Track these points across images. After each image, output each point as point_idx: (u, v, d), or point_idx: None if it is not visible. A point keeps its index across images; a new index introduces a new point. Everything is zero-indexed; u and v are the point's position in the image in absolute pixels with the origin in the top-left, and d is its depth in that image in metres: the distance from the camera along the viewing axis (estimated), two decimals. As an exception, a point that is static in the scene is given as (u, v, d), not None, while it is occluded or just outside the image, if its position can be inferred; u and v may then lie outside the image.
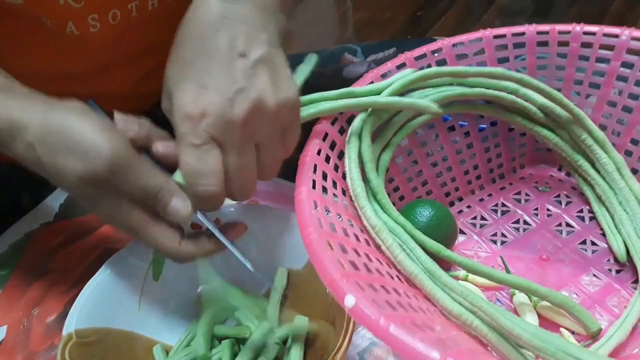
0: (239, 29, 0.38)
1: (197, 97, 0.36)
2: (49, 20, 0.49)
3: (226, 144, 0.36)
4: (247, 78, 0.36)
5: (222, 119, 0.35)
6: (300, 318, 0.42)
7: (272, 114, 0.37)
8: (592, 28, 0.49)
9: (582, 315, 0.40)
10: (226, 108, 0.35)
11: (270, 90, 0.37)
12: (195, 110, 0.35)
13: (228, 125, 0.36)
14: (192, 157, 0.36)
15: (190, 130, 0.36)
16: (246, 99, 0.36)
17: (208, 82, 0.36)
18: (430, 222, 0.45)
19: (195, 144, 0.35)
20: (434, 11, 1.91)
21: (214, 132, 0.36)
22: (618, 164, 0.49)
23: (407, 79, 0.46)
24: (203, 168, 0.36)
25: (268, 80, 0.37)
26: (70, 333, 0.39)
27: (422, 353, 0.28)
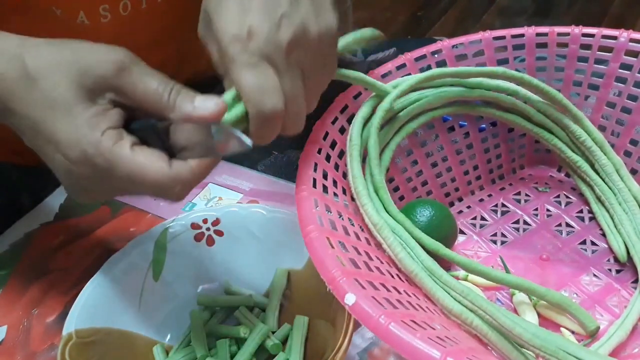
0: None
1: (242, 19, 0.35)
2: (59, 10, 0.49)
3: (278, 66, 0.35)
4: (290, 4, 0.36)
5: (270, 42, 0.35)
6: (300, 318, 0.42)
7: (314, 41, 0.36)
8: (591, 30, 0.49)
9: (580, 314, 0.40)
10: (272, 30, 0.35)
11: (312, 18, 0.36)
12: (243, 30, 0.34)
13: (276, 47, 0.35)
14: (253, 76, 0.34)
15: (242, 50, 0.34)
16: (291, 24, 0.35)
17: (252, 5, 0.35)
18: (431, 222, 0.45)
19: (252, 63, 0.34)
20: (434, 11, 1.91)
21: (264, 52, 0.35)
22: (617, 165, 0.49)
23: (414, 80, 0.46)
24: (266, 85, 0.34)
25: (311, 8, 0.36)
26: (70, 333, 0.39)
27: (423, 351, 0.28)
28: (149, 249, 0.44)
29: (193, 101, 0.34)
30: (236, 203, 0.55)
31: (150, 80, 0.35)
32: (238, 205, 0.47)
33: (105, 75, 0.34)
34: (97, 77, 0.34)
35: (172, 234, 0.45)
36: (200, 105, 0.34)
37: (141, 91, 0.34)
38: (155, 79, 0.35)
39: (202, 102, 0.34)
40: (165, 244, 0.45)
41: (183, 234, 0.45)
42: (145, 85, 0.34)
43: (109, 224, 0.55)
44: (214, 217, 0.46)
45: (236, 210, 0.46)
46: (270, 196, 0.56)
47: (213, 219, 0.46)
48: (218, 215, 0.46)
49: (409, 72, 0.49)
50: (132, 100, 0.35)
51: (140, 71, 0.35)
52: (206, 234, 0.46)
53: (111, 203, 0.57)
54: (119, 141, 0.33)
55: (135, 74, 0.34)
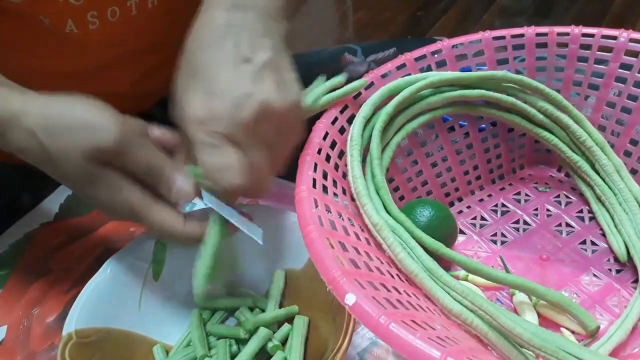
0: (244, 36, 0.39)
1: (206, 103, 0.37)
2: (47, 19, 0.49)
3: (241, 145, 0.37)
4: (253, 82, 0.38)
5: (234, 122, 0.37)
6: (300, 318, 0.42)
7: (278, 116, 0.38)
8: (591, 30, 0.49)
9: (579, 314, 0.40)
10: (236, 111, 0.37)
11: (275, 93, 0.38)
12: (207, 114, 0.37)
13: (239, 127, 0.37)
14: (212, 155, 0.37)
15: (205, 133, 0.37)
16: (253, 103, 0.37)
17: (216, 89, 0.37)
18: (431, 222, 0.45)
19: (212, 144, 0.37)
20: (434, 11, 1.91)
21: (225, 132, 0.37)
22: (617, 166, 0.49)
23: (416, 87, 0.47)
24: (224, 162, 0.37)
25: (273, 84, 0.38)
26: (70, 333, 0.39)
27: (423, 351, 0.28)
28: (149, 249, 0.44)
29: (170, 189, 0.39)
30: (236, 203, 0.55)
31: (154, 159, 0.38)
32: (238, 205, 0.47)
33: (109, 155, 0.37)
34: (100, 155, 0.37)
35: (172, 234, 0.45)
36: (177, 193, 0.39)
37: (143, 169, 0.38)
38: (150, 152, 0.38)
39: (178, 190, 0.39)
40: (165, 244, 0.45)
41: (183, 234, 0.45)
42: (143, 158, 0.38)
43: (109, 224, 0.55)
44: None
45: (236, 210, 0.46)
46: (270, 196, 0.56)
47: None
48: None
49: (409, 72, 0.49)
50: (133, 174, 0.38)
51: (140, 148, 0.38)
52: (206, 234, 0.46)
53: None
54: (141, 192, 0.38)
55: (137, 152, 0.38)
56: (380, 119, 0.45)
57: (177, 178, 0.39)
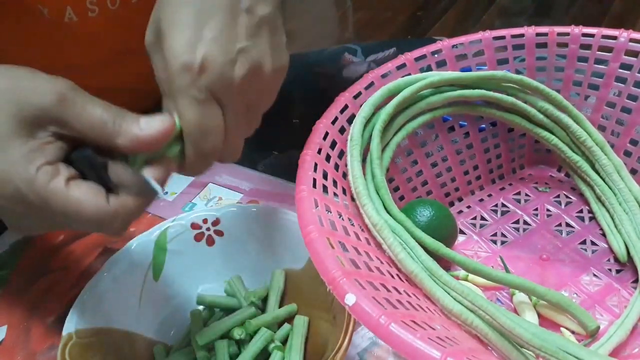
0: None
1: (195, 46, 0.33)
2: (46, 8, 0.48)
3: (224, 103, 0.34)
4: (249, 37, 0.35)
5: (223, 78, 0.33)
6: (300, 318, 0.42)
7: (266, 79, 0.36)
8: (591, 30, 0.49)
9: (579, 314, 0.40)
10: (227, 67, 0.33)
11: (269, 54, 0.36)
12: (195, 61, 0.33)
13: (228, 85, 0.34)
14: (197, 113, 0.33)
15: (191, 83, 0.33)
16: (247, 61, 0.34)
17: (209, 32, 0.33)
18: (431, 222, 0.45)
19: (199, 99, 0.33)
20: (434, 11, 1.91)
21: (214, 89, 0.33)
22: (617, 166, 0.49)
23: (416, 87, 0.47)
24: (209, 124, 0.34)
25: (269, 44, 0.36)
26: (70, 333, 0.39)
27: (423, 352, 0.28)
28: (149, 249, 0.44)
29: (139, 123, 0.32)
30: (236, 203, 0.55)
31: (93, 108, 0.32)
32: (238, 205, 0.47)
33: (46, 108, 0.31)
34: (37, 109, 0.31)
35: (172, 234, 0.45)
36: (146, 126, 0.32)
37: (85, 121, 0.32)
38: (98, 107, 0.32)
39: (147, 122, 0.33)
40: (165, 244, 0.45)
41: (183, 234, 0.45)
42: (89, 115, 0.32)
43: (109, 224, 0.55)
44: (214, 217, 0.46)
45: (236, 210, 0.46)
46: (270, 196, 0.56)
47: (213, 219, 0.46)
48: (218, 215, 0.46)
49: (409, 72, 0.49)
50: (77, 131, 0.32)
51: (82, 100, 0.32)
52: (206, 234, 0.46)
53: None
54: (55, 177, 0.31)
55: (77, 104, 0.32)
56: (380, 119, 0.45)
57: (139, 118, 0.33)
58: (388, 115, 0.45)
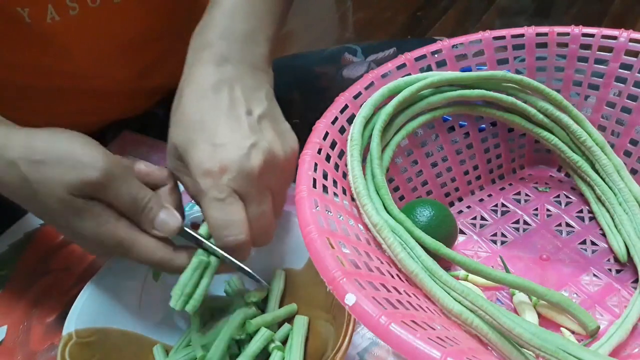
0: (238, 89, 0.41)
1: (213, 154, 0.38)
2: (27, 8, 0.47)
3: (247, 195, 0.38)
4: (255, 133, 0.39)
5: (242, 173, 0.37)
6: (300, 318, 0.42)
7: (281, 163, 0.40)
8: (591, 30, 0.49)
9: (580, 314, 0.40)
10: (243, 162, 0.37)
11: (277, 142, 0.40)
12: (215, 166, 0.37)
13: (247, 177, 0.38)
14: (219, 211, 0.37)
15: (212, 185, 0.37)
16: (260, 152, 0.38)
17: (221, 140, 0.38)
18: (431, 222, 0.45)
19: (219, 198, 0.37)
20: (434, 11, 1.91)
21: (235, 185, 0.37)
22: (617, 166, 0.49)
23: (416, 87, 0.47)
24: (230, 219, 0.37)
25: (274, 133, 0.40)
26: (70, 333, 0.39)
27: (423, 351, 0.28)
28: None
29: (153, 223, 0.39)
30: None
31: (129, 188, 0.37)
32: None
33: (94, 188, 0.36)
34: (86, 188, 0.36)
35: (172, 234, 0.45)
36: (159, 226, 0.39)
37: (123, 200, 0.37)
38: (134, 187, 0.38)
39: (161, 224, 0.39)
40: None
41: (183, 234, 0.45)
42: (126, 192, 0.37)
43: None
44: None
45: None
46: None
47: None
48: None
49: (409, 72, 0.49)
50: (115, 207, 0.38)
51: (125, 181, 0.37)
52: (206, 234, 0.46)
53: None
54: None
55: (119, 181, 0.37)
56: (380, 119, 0.45)
57: (162, 211, 0.39)
58: (388, 115, 0.45)
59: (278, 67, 0.71)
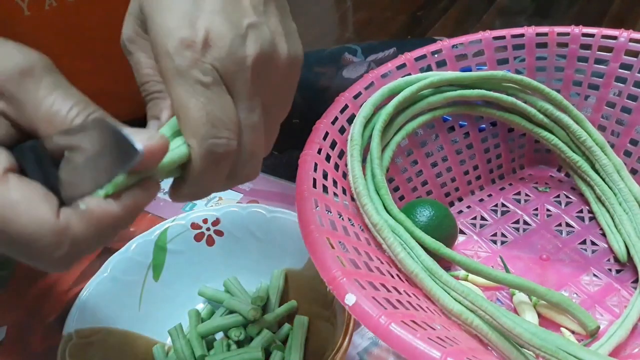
0: None
1: (195, 19, 0.26)
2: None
3: (236, 91, 0.27)
4: (258, 14, 0.28)
5: (233, 56, 0.26)
6: (300, 318, 0.42)
7: (282, 68, 0.29)
8: (591, 30, 0.49)
9: (580, 314, 0.40)
10: (237, 42, 0.27)
11: (282, 37, 0.29)
12: (196, 35, 0.26)
13: (239, 65, 0.27)
14: (204, 101, 0.26)
15: (193, 61, 0.26)
16: (259, 38, 0.27)
17: (211, 5, 0.27)
18: (430, 222, 0.45)
19: (203, 82, 0.26)
20: (434, 11, 1.91)
21: (223, 69, 0.26)
22: (617, 166, 0.49)
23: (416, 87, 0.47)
24: (220, 115, 0.26)
25: (280, 25, 0.29)
26: (70, 333, 0.39)
27: (423, 351, 0.28)
28: (149, 249, 0.44)
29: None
30: (236, 203, 0.55)
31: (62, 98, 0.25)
32: (238, 205, 0.47)
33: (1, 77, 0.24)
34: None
35: (172, 233, 0.45)
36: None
37: (45, 110, 0.24)
38: (71, 98, 0.25)
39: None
40: (165, 244, 0.45)
41: (183, 234, 0.45)
42: (52, 103, 0.24)
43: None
44: (214, 217, 0.46)
45: (236, 210, 0.46)
46: (270, 196, 0.56)
47: (213, 219, 0.46)
48: (218, 215, 0.46)
49: (409, 72, 0.49)
50: (30, 119, 0.24)
51: (52, 84, 0.25)
52: (206, 234, 0.46)
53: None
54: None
55: (44, 85, 0.24)
56: (380, 119, 0.45)
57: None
58: (388, 115, 0.45)
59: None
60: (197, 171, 0.26)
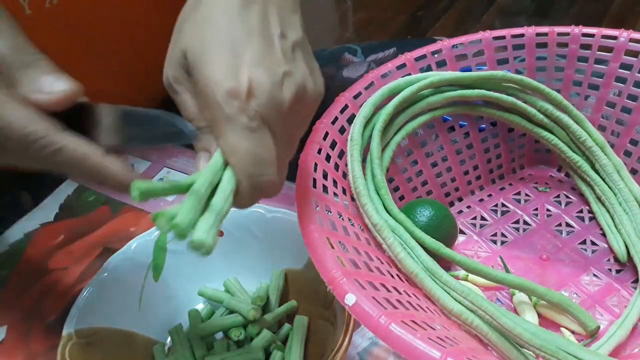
0: (272, 7, 0.34)
1: (239, 71, 0.30)
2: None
3: (276, 131, 0.31)
4: (289, 62, 0.32)
5: (273, 102, 0.31)
6: (300, 318, 0.42)
7: (309, 104, 0.33)
8: (591, 30, 0.49)
9: (580, 314, 0.40)
10: (276, 90, 0.31)
11: (310, 78, 0.33)
12: (242, 86, 0.30)
13: (277, 109, 0.31)
14: (252, 143, 0.30)
15: (240, 109, 0.30)
16: (293, 83, 0.32)
17: (250, 57, 0.31)
18: (431, 222, 0.45)
19: (251, 127, 0.30)
20: (434, 11, 1.91)
21: (265, 114, 0.30)
22: (617, 166, 0.49)
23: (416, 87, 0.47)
24: (265, 155, 0.31)
25: (306, 68, 0.34)
26: (70, 333, 0.39)
27: (423, 351, 0.28)
28: (149, 249, 0.44)
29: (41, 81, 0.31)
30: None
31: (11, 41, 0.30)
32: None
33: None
34: None
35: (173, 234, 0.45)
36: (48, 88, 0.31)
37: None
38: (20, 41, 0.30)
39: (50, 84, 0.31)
40: (165, 244, 0.45)
41: (183, 234, 0.45)
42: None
43: (109, 224, 0.55)
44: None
45: (236, 210, 0.46)
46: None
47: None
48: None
49: (409, 72, 0.49)
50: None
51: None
52: (206, 234, 0.46)
53: (111, 202, 0.57)
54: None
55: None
56: (380, 119, 0.45)
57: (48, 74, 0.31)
58: (388, 115, 0.45)
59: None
60: (244, 199, 0.32)
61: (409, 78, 0.48)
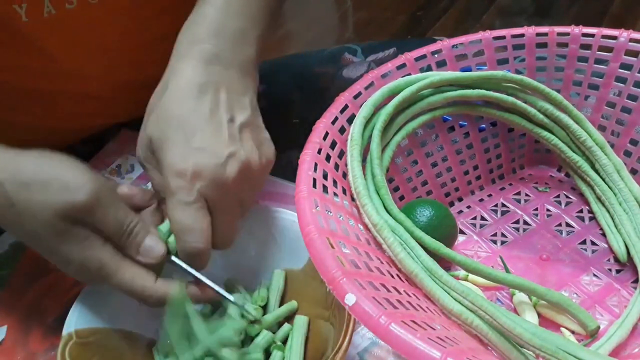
0: (223, 93, 0.40)
1: (188, 156, 0.37)
2: (25, 4, 0.46)
3: (215, 204, 0.38)
4: (235, 142, 0.38)
5: (216, 182, 0.37)
6: (300, 318, 0.42)
7: (256, 174, 0.39)
8: (591, 30, 0.49)
9: (580, 314, 0.40)
10: (219, 171, 0.37)
11: (255, 153, 0.40)
12: (189, 169, 0.37)
13: (220, 187, 0.37)
14: (184, 214, 0.37)
15: (182, 187, 0.37)
16: (236, 163, 0.38)
17: (200, 144, 0.38)
18: (431, 222, 0.45)
19: (187, 202, 0.37)
20: (434, 11, 1.91)
21: (207, 193, 0.37)
22: (617, 166, 0.49)
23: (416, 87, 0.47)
24: (193, 225, 0.37)
25: (253, 144, 0.40)
26: (70, 333, 0.39)
27: (423, 351, 0.28)
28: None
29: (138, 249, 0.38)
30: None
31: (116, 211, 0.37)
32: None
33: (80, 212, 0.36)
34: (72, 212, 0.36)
35: (172, 234, 0.45)
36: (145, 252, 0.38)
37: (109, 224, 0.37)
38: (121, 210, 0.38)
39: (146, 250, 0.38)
40: (165, 243, 0.45)
41: (183, 234, 0.45)
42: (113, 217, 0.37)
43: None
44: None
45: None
46: (270, 196, 0.56)
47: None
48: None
49: (409, 72, 0.49)
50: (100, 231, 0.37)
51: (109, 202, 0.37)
52: (206, 234, 0.46)
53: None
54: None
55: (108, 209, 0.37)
56: (380, 119, 0.45)
57: (147, 237, 0.38)
58: (388, 115, 0.45)
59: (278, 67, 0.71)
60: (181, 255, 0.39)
61: (409, 78, 0.48)
